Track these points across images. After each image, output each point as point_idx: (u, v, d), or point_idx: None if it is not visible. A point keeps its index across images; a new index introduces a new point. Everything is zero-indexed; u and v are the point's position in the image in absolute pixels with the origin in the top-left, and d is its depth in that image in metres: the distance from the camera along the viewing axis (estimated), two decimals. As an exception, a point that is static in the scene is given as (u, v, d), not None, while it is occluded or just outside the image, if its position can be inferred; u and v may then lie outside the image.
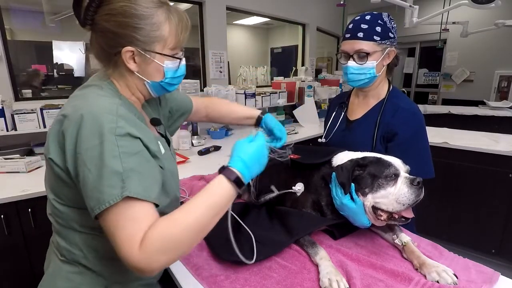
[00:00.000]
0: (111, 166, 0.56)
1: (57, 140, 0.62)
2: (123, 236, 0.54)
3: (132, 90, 0.74)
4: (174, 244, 0.56)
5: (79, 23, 0.68)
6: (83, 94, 0.68)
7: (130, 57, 0.68)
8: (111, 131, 0.58)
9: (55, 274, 0.72)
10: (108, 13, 0.65)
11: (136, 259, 0.53)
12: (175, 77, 0.75)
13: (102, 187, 0.55)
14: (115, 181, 0.55)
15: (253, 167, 0.67)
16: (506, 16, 3.81)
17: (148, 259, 0.54)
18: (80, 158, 0.58)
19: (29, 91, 2.34)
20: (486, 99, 4.39)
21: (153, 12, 0.66)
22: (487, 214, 2.19)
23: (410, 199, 0.79)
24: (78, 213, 0.68)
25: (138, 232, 0.55)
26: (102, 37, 0.68)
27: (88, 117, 0.59)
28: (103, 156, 0.56)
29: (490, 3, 2.28)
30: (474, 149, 2.17)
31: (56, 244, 0.74)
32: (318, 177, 0.96)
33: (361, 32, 1.02)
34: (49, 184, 0.70)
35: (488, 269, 0.80)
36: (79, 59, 3.91)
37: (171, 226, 0.56)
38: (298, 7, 4.10)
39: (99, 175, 0.56)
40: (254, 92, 3.00)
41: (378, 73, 1.07)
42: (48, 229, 0.77)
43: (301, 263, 0.83)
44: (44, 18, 3.80)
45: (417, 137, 1.07)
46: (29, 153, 1.98)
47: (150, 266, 0.54)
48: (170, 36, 0.69)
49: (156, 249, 0.54)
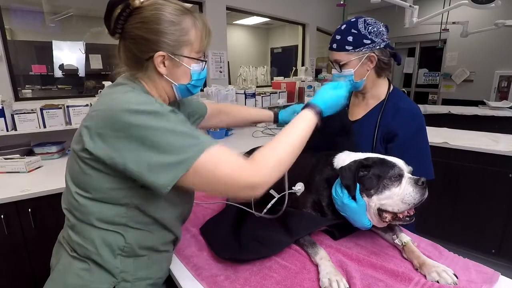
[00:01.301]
0: (181, 131, 0.63)
1: (98, 132, 0.65)
2: (229, 167, 0.63)
3: (159, 92, 0.79)
4: (279, 159, 0.68)
5: (108, 32, 0.74)
6: (117, 91, 0.72)
7: (160, 61, 0.73)
8: (162, 109, 0.65)
9: (65, 270, 0.73)
10: (141, 21, 0.71)
11: (252, 174, 0.63)
12: (199, 79, 0.81)
13: (184, 148, 0.62)
14: (192, 140, 0.63)
15: (329, 108, 0.84)
16: (506, 16, 3.81)
17: (263, 172, 0.65)
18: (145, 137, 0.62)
19: (29, 91, 2.34)
20: (486, 99, 4.39)
21: (181, 18, 0.73)
22: (487, 214, 2.19)
23: (415, 199, 0.79)
24: (100, 208, 0.70)
25: (237, 158, 0.65)
26: (134, 43, 0.72)
27: (131, 106, 0.63)
28: (170, 125, 0.63)
29: (490, 3, 2.28)
30: (474, 149, 2.17)
31: (67, 238, 0.75)
32: (320, 178, 0.96)
33: (335, 43, 1.08)
34: (74, 177, 0.72)
35: (488, 269, 0.79)
36: (79, 59, 3.91)
37: (275, 146, 0.70)
38: (298, 7, 4.10)
39: (176, 140, 0.62)
40: (254, 92, 3.00)
41: (360, 79, 1.09)
42: (48, 229, 0.77)
43: (301, 263, 0.83)
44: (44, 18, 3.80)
45: (417, 138, 1.07)
46: (29, 153, 1.98)
47: (264, 178, 0.65)
48: (196, 40, 0.76)
49: (267, 163, 0.66)
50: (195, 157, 0.62)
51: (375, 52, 1.05)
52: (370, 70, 1.09)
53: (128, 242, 0.72)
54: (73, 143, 0.72)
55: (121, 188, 0.68)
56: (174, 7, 0.73)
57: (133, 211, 0.71)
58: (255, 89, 3.19)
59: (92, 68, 3.85)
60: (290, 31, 6.03)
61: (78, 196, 0.71)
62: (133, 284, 0.74)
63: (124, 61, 0.77)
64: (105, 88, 0.79)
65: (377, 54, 1.06)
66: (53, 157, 2.00)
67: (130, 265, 0.73)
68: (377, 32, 1.05)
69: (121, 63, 0.78)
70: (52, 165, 1.88)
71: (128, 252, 0.73)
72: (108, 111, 0.65)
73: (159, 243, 0.78)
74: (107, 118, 0.64)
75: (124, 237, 0.72)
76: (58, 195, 1.48)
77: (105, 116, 0.65)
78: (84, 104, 1.99)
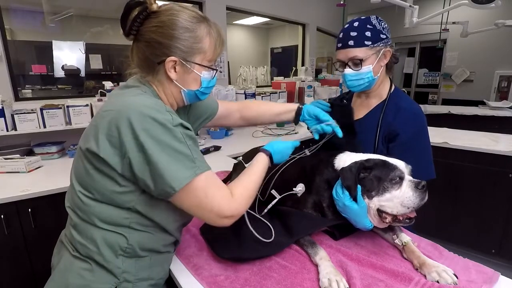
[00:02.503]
0: (181, 150, 0.65)
1: (106, 133, 0.66)
2: (217, 198, 0.68)
3: (167, 97, 0.80)
4: (250, 195, 0.76)
5: (123, 33, 0.74)
6: (127, 93, 0.73)
7: (172, 66, 0.74)
8: (169, 121, 0.66)
9: (66, 269, 0.73)
10: (156, 25, 0.72)
11: (233, 208, 0.70)
12: (209, 86, 0.82)
13: (180, 168, 0.65)
14: (188, 162, 0.66)
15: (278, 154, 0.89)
16: (506, 16, 3.81)
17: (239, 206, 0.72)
18: (149, 147, 0.63)
19: (29, 91, 2.34)
20: (486, 99, 4.39)
21: (196, 26, 0.74)
22: (487, 214, 2.19)
23: (415, 203, 0.79)
24: (103, 208, 0.70)
25: (225, 190, 0.71)
26: (147, 46, 0.73)
27: (143, 110, 0.65)
28: (172, 142, 0.65)
29: (490, 3, 2.28)
30: (474, 149, 2.17)
31: (70, 237, 0.75)
32: (321, 179, 0.96)
33: (352, 40, 1.04)
34: (79, 176, 0.72)
35: (488, 269, 0.79)
36: (79, 59, 3.91)
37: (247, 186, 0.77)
38: (298, 7, 4.10)
39: (174, 159, 0.64)
40: (254, 92, 3.00)
41: (376, 75, 1.07)
42: (48, 229, 0.77)
43: (301, 263, 0.83)
44: (44, 18, 3.80)
45: (419, 137, 1.07)
46: (29, 153, 1.98)
47: (239, 211, 0.73)
48: (209, 49, 0.77)
49: (243, 199, 0.74)
50: (186, 180, 0.65)
51: (389, 47, 1.06)
52: (383, 66, 1.09)
53: (130, 243, 0.72)
54: (81, 141, 0.72)
55: (123, 192, 0.69)
56: (191, 14, 0.74)
57: (135, 214, 0.72)
58: (255, 89, 3.19)
59: (92, 68, 3.85)
60: (290, 31, 6.03)
61: (82, 196, 0.71)
62: (135, 284, 0.74)
63: (136, 62, 0.78)
64: (115, 89, 0.80)
65: (391, 49, 1.06)
66: (53, 157, 2.00)
67: (132, 265, 0.73)
68: (387, 28, 1.06)
69: (133, 65, 0.79)
70: (52, 165, 1.88)
71: (130, 253, 0.73)
72: (118, 113, 0.65)
73: (160, 245, 0.78)
74: (116, 119, 0.65)
75: (127, 238, 0.72)
76: (58, 195, 1.48)
77: (114, 117, 0.65)
78: (84, 104, 1.99)
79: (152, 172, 0.64)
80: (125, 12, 0.71)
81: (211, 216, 0.69)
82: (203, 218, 0.71)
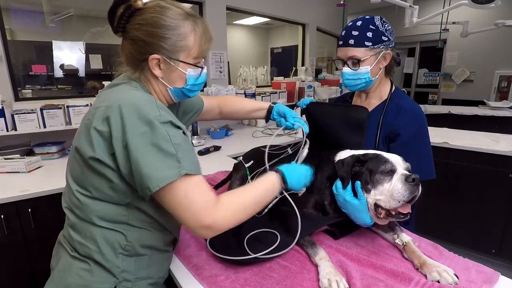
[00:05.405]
0: (166, 149, 0.63)
1: (97, 129, 0.66)
2: (197, 203, 0.65)
3: (157, 94, 0.80)
4: (241, 207, 0.71)
5: (112, 29, 0.74)
6: (117, 90, 0.73)
7: (156, 64, 0.74)
8: (157, 119, 0.64)
9: (65, 270, 0.73)
10: (139, 23, 0.71)
11: (214, 217, 0.65)
12: (196, 84, 0.81)
13: (161, 168, 0.62)
14: (172, 162, 0.63)
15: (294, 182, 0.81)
16: (506, 16, 3.81)
17: (223, 218, 0.66)
18: (132, 144, 0.62)
19: (29, 91, 2.34)
20: (486, 99, 4.39)
21: (180, 23, 0.73)
22: (487, 214, 2.19)
23: (404, 196, 0.78)
24: (101, 206, 0.70)
25: (210, 196, 0.67)
26: (132, 44, 0.73)
27: (132, 106, 0.64)
28: (156, 140, 0.63)
29: (490, 3, 2.28)
30: (474, 149, 2.17)
31: (68, 238, 0.75)
32: (322, 177, 0.96)
33: (352, 39, 1.04)
34: (75, 175, 0.72)
35: (488, 269, 0.80)
36: (79, 59, 3.91)
37: (241, 196, 0.72)
38: (298, 7, 4.10)
39: (156, 158, 0.63)
40: (254, 92, 3.00)
41: (374, 77, 1.08)
42: (48, 229, 0.77)
43: (301, 263, 0.83)
44: (44, 18, 3.80)
45: (419, 138, 1.07)
46: (29, 153, 1.98)
47: (222, 223, 0.67)
48: (194, 46, 0.75)
49: (230, 209, 0.68)
50: (169, 179, 0.63)
51: (389, 50, 1.05)
52: (382, 68, 1.09)
53: (129, 241, 0.72)
54: (74, 140, 0.72)
55: (120, 188, 0.69)
56: (176, 11, 0.73)
57: (133, 210, 0.72)
58: (255, 89, 3.19)
59: (92, 68, 3.85)
60: (290, 31, 6.03)
61: (79, 194, 0.71)
62: (134, 283, 0.74)
63: (124, 60, 0.78)
64: (105, 86, 0.80)
65: (391, 52, 1.06)
66: (53, 157, 2.00)
67: (132, 264, 0.73)
68: (390, 30, 1.06)
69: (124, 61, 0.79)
70: (52, 165, 1.88)
71: (130, 251, 0.73)
72: (109, 108, 0.65)
73: (159, 243, 0.78)
74: (108, 114, 0.64)
75: (125, 235, 0.72)
76: (58, 195, 1.48)
77: (105, 112, 0.65)
78: (84, 104, 1.99)
79: (134, 170, 0.63)
80: (111, 9, 0.71)
81: (189, 222, 0.65)
82: (183, 222, 0.67)
